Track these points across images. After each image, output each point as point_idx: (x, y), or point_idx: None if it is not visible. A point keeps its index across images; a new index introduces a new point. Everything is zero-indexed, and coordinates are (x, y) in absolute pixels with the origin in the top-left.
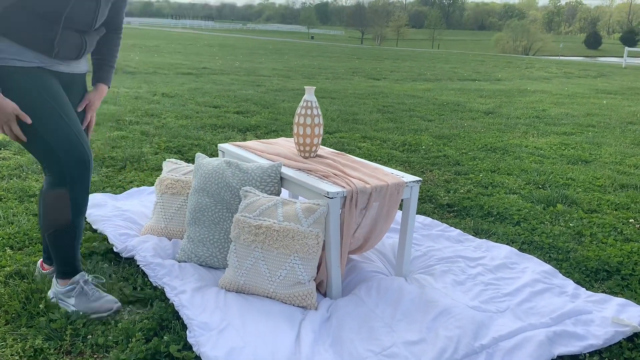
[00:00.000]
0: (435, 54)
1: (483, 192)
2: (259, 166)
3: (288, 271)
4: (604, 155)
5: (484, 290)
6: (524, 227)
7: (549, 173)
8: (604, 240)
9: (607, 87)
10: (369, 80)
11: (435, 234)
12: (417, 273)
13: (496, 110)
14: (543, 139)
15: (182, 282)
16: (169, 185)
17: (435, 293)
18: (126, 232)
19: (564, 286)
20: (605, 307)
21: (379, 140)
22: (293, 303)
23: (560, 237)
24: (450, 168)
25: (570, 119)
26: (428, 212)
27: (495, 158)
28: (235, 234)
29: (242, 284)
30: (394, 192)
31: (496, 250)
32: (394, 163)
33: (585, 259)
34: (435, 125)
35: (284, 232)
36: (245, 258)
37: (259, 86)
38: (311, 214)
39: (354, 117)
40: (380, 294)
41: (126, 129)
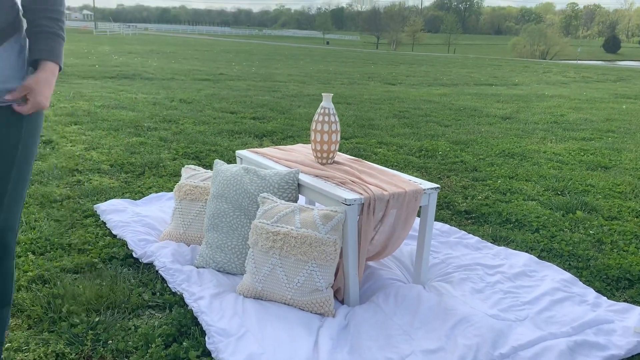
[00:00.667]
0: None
1: (501, 199)
2: (276, 173)
3: (306, 278)
4: (624, 161)
5: (503, 299)
6: (543, 234)
7: (568, 179)
8: (625, 248)
9: (627, 92)
10: (385, 86)
11: (454, 241)
12: (435, 281)
13: (513, 115)
14: (561, 145)
15: (201, 288)
16: (187, 191)
17: (454, 301)
18: (145, 238)
19: (584, 295)
20: (627, 317)
21: (395, 146)
22: (311, 310)
23: (580, 245)
24: (467, 174)
25: (589, 124)
26: (446, 218)
27: (513, 164)
28: (253, 240)
29: (260, 291)
30: (411, 199)
31: (515, 258)
32: (410, 169)
33: (606, 267)
34: (452, 131)
35: (302, 239)
36: (263, 264)
37: (275, 92)
38: (329, 220)
39: (370, 122)
40: (398, 301)
41: (145, 134)
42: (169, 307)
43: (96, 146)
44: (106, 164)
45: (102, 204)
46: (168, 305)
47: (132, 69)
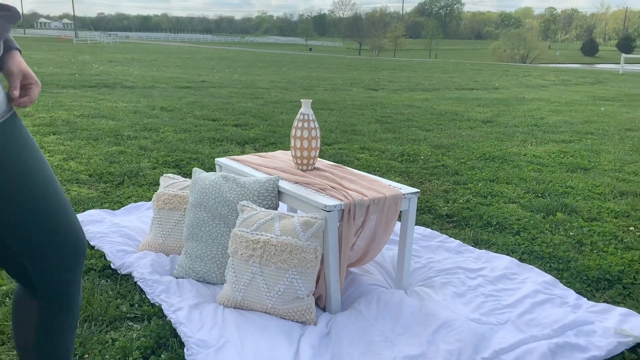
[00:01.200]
0: (433, 64)
1: (482, 202)
2: (256, 180)
3: (286, 286)
4: (603, 163)
5: (484, 302)
6: (523, 236)
7: (548, 181)
8: (605, 249)
9: (605, 94)
10: (367, 91)
11: (435, 245)
12: (417, 285)
13: (494, 119)
14: (542, 147)
15: (180, 299)
16: (166, 200)
17: (436, 305)
18: (124, 249)
19: (565, 296)
20: (607, 317)
21: (378, 151)
22: (292, 318)
23: (561, 247)
24: (449, 178)
25: (569, 126)
26: (427, 222)
27: (494, 167)
28: (232, 249)
29: (240, 300)
30: (392, 204)
31: (496, 261)
32: (392, 174)
33: (586, 268)
34: (433, 135)
35: (282, 247)
36: (243, 273)
37: (257, 99)
38: (309, 227)
39: (353, 128)
40: (380, 307)
41: (124, 143)
42: (147, 318)
43: (75, 156)
44: (85, 174)
45: (79, 214)
46: (147, 316)
47: (113, 78)
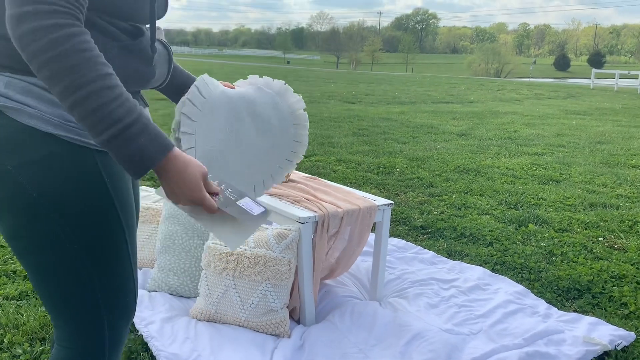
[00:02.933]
0: (409, 78)
1: (456, 214)
2: None
3: (260, 299)
4: (573, 175)
5: (457, 313)
6: (496, 247)
7: (521, 193)
8: (575, 259)
9: (576, 108)
10: (345, 104)
11: (410, 257)
12: (391, 297)
13: (469, 132)
14: (515, 160)
15: (152, 313)
16: None
17: (409, 317)
18: None
19: (535, 306)
20: (577, 326)
21: (354, 164)
22: (266, 331)
23: (532, 257)
24: (424, 190)
25: (541, 139)
26: (402, 234)
27: (468, 179)
28: (206, 262)
29: (214, 313)
30: (365, 215)
31: (469, 272)
32: (368, 186)
33: (556, 278)
34: (409, 148)
35: (256, 259)
36: (216, 286)
37: None
38: (283, 239)
39: (329, 140)
40: (354, 319)
41: None
42: None
43: None
44: None
45: None
46: None
47: None
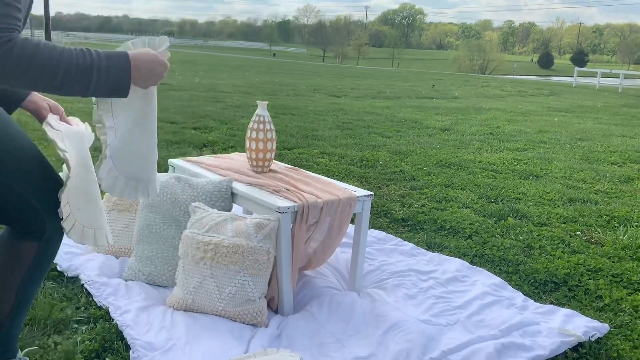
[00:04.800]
0: (395, 72)
1: (437, 207)
2: (209, 181)
3: (238, 288)
4: (554, 170)
5: (435, 304)
6: (475, 240)
7: (501, 187)
8: (552, 253)
9: (559, 105)
10: (330, 98)
11: (389, 248)
12: (370, 287)
13: (452, 127)
14: (496, 155)
15: (128, 302)
16: (116, 201)
17: (387, 307)
18: (71, 251)
19: (513, 298)
20: (552, 318)
21: (337, 156)
22: (243, 321)
23: (511, 250)
24: (406, 183)
25: (523, 135)
26: (383, 226)
27: (450, 173)
28: (183, 251)
29: (191, 302)
30: (345, 206)
31: (448, 264)
32: (351, 178)
33: (534, 271)
34: (392, 142)
35: (234, 248)
36: (193, 275)
37: (218, 102)
38: (261, 229)
39: (314, 133)
40: (332, 309)
41: None
42: (93, 321)
43: None
44: None
45: None
46: (92, 319)
47: None
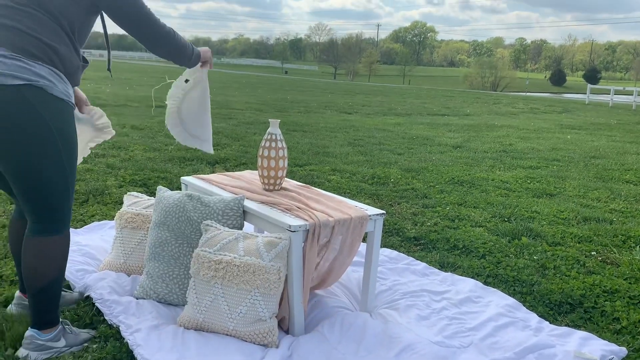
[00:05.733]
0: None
1: (449, 225)
2: (221, 199)
3: (248, 307)
4: (568, 189)
5: (448, 325)
6: (489, 260)
7: (515, 206)
8: (567, 273)
9: (572, 123)
10: (341, 114)
11: (401, 268)
12: (382, 308)
13: (464, 144)
14: (509, 173)
15: (139, 320)
16: (129, 219)
17: (399, 328)
18: (84, 268)
19: (527, 320)
20: (568, 341)
21: (349, 173)
22: (254, 341)
23: (525, 270)
24: (418, 201)
25: (536, 153)
26: (395, 245)
27: (462, 191)
28: (194, 270)
29: (202, 322)
30: (357, 225)
31: (461, 284)
32: (362, 196)
33: (549, 292)
34: (404, 159)
35: (245, 267)
36: (204, 294)
37: (230, 119)
38: (273, 247)
39: (325, 150)
40: (343, 330)
41: (91, 161)
42: (104, 340)
43: None
44: None
45: None
46: (103, 338)
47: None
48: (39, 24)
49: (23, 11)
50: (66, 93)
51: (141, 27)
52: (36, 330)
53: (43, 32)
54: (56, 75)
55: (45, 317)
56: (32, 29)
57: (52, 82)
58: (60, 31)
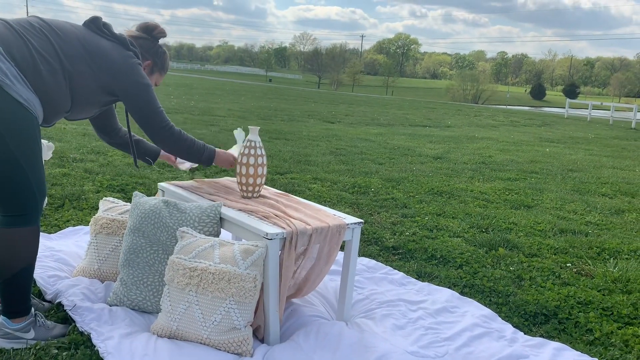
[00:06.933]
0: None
1: (428, 235)
2: (197, 206)
3: (223, 316)
4: (545, 201)
5: (423, 335)
6: (466, 270)
7: (492, 217)
8: (543, 284)
9: (550, 136)
10: (324, 123)
11: (379, 277)
12: (358, 317)
13: (444, 155)
14: (488, 184)
15: (111, 328)
16: (104, 224)
17: (375, 338)
18: (56, 274)
19: (502, 330)
20: (542, 352)
21: (330, 182)
22: (228, 350)
23: (501, 281)
24: (397, 211)
25: (515, 165)
26: (374, 254)
27: (442, 202)
28: (169, 277)
29: (175, 330)
30: (335, 233)
31: (437, 294)
32: (342, 205)
33: (524, 302)
34: (385, 169)
35: (220, 275)
36: (178, 302)
37: (212, 126)
38: (249, 255)
39: (307, 158)
40: (319, 339)
41: (69, 166)
42: (74, 347)
43: None
44: None
45: None
46: (74, 345)
47: None
48: (46, 49)
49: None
50: (26, 98)
51: (149, 120)
52: (6, 319)
53: (42, 55)
54: (21, 80)
55: (13, 306)
56: (38, 47)
57: (12, 82)
58: (59, 71)
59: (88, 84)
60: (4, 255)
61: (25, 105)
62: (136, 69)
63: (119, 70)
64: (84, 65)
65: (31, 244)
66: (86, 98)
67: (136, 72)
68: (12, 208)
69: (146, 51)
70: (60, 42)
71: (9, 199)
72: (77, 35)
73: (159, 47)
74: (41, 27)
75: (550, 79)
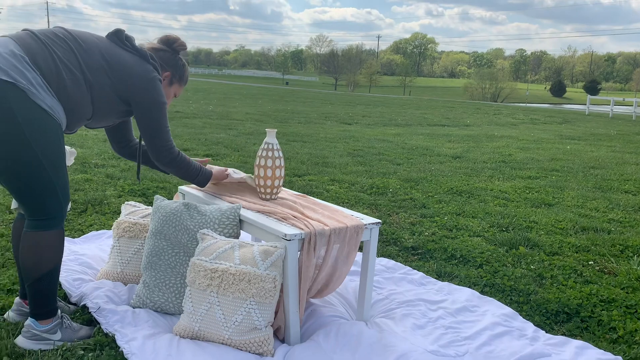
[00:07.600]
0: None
1: (447, 235)
2: (217, 208)
3: (244, 316)
4: (566, 199)
5: (444, 334)
6: (486, 269)
7: (513, 216)
8: (564, 283)
9: (571, 133)
10: (341, 125)
11: (398, 277)
12: (378, 317)
13: (464, 154)
14: (508, 183)
15: (135, 329)
16: (126, 228)
17: (395, 337)
18: (80, 277)
19: (523, 329)
20: (564, 350)
21: (348, 183)
22: (249, 350)
23: (522, 280)
24: (416, 211)
25: (535, 163)
26: (393, 254)
27: (461, 201)
28: (190, 278)
29: (197, 331)
30: (353, 234)
31: (458, 293)
32: (360, 206)
33: (545, 301)
34: (403, 169)
35: (240, 276)
36: (200, 303)
37: (231, 130)
38: (268, 256)
39: (324, 160)
40: (339, 339)
41: (91, 171)
42: (99, 348)
43: None
44: None
45: None
46: (99, 346)
47: None
48: (69, 59)
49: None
50: (50, 105)
51: (154, 135)
52: (34, 320)
53: (66, 65)
54: (45, 88)
55: (41, 308)
56: (62, 57)
57: (37, 90)
58: (82, 81)
59: (108, 94)
60: (31, 258)
61: (50, 112)
62: (154, 84)
63: (137, 83)
64: (104, 76)
65: (56, 247)
66: (106, 107)
67: (154, 87)
68: (37, 212)
69: (166, 63)
70: (83, 53)
71: (34, 202)
72: (99, 47)
73: (179, 60)
74: (65, 38)
75: (570, 76)
